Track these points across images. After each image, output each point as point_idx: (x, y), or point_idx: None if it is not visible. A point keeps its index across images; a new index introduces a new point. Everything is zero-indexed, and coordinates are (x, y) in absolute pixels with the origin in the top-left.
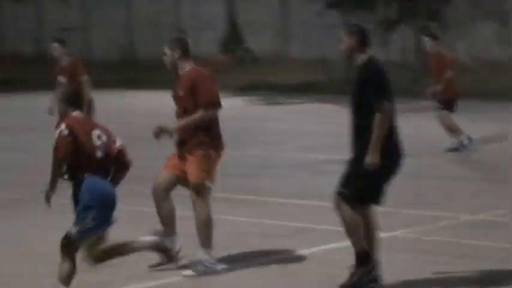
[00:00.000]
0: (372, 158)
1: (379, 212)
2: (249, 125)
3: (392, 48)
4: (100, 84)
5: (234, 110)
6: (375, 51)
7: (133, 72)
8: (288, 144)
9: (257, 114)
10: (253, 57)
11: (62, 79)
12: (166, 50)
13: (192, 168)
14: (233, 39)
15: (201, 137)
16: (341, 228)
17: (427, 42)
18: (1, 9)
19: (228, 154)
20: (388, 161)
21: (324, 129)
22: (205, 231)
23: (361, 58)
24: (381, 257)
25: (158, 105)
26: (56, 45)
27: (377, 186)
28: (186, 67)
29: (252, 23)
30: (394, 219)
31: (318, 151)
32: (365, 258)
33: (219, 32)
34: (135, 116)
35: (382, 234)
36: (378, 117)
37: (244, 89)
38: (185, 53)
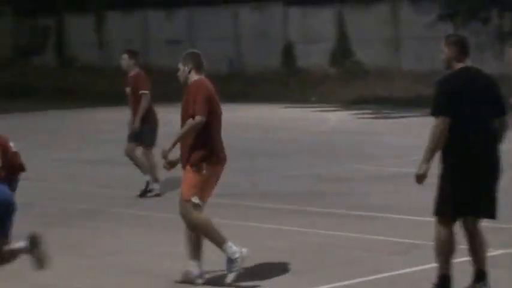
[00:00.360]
0: (418, 169)
1: (493, 228)
2: (357, 138)
3: (506, 60)
4: None
5: (342, 123)
6: (489, 64)
7: (241, 84)
8: (395, 159)
9: (365, 128)
10: (363, 70)
11: (128, 90)
12: (180, 66)
13: (183, 184)
14: (342, 51)
15: (196, 152)
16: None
17: None
18: (109, 21)
19: (334, 168)
20: (455, 172)
21: None
22: (209, 238)
23: (457, 68)
24: (497, 275)
25: (264, 118)
26: (125, 56)
27: (453, 198)
28: (192, 79)
29: (362, 35)
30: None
31: None
32: (447, 284)
33: (327, 44)
34: (242, 130)
35: (496, 252)
36: (431, 129)
37: (353, 103)
38: (197, 67)
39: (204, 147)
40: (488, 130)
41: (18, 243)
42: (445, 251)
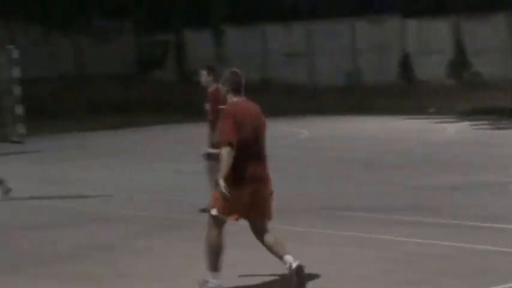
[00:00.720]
0: None
1: None
2: (474, 149)
3: None
4: (325, 109)
5: (460, 134)
6: None
7: (359, 97)
8: (508, 170)
9: (483, 139)
10: (481, 81)
11: (207, 106)
12: (203, 72)
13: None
14: (460, 63)
15: (230, 172)
16: None
17: None
18: (227, 36)
19: (450, 178)
20: None
21: None
22: (210, 255)
23: None
24: None
25: (383, 130)
26: (203, 72)
27: None
28: (230, 100)
29: (479, 45)
30: None
31: None
32: None
33: (445, 55)
34: (361, 141)
35: None
36: None
37: (471, 113)
38: (234, 89)
39: (235, 168)
40: None
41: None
42: None
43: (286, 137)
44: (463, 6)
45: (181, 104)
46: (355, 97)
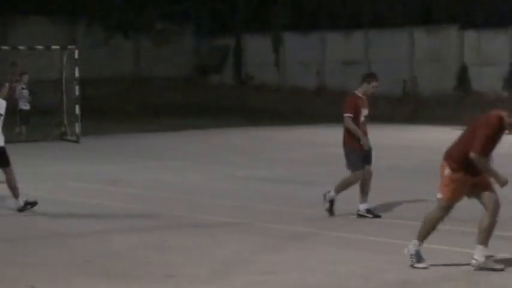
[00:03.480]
0: None
1: None
2: None
3: None
4: (382, 118)
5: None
6: None
7: (414, 107)
8: None
9: None
10: None
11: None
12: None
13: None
14: None
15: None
16: None
17: None
18: (286, 41)
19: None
20: None
21: None
22: (424, 227)
23: None
24: None
25: (438, 140)
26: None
27: None
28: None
29: None
30: None
31: None
32: None
33: (502, 67)
34: (416, 151)
35: None
36: None
37: None
38: None
39: None
40: None
41: None
42: None
43: (341, 145)
44: None
45: (239, 108)
46: (411, 106)
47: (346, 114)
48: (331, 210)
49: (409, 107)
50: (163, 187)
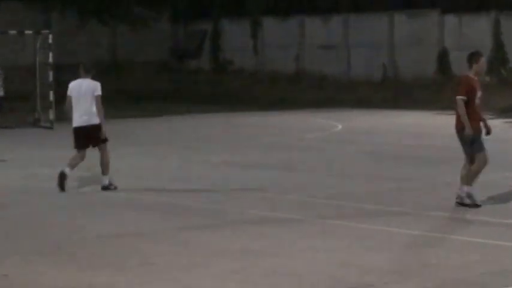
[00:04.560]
0: None
1: None
2: (508, 146)
3: None
4: (360, 102)
5: (494, 131)
6: None
7: (395, 91)
8: None
9: None
10: None
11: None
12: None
13: None
14: (498, 59)
15: None
16: None
17: None
18: (264, 26)
19: (486, 176)
20: None
21: None
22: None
23: None
24: None
25: (418, 125)
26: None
27: None
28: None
29: None
30: None
31: None
32: None
33: (483, 52)
34: (396, 136)
35: None
36: None
37: (508, 110)
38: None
39: None
40: None
41: None
42: None
43: (320, 130)
44: (503, 3)
45: (216, 93)
46: (391, 91)
47: (459, 97)
48: (473, 204)
49: (388, 92)
50: (139, 173)
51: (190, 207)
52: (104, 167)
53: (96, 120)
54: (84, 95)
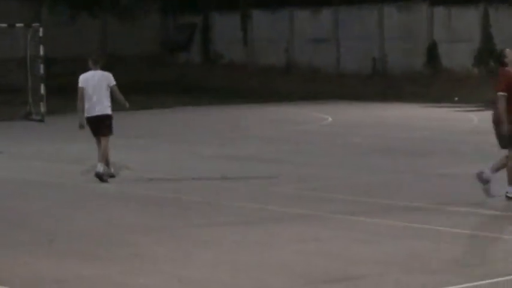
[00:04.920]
0: None
1: None
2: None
3: None
4: (349, 95)
5: (484, 123)
6: None
7: (384, 84)
8: None
9: None
10: None
11: None
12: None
13: None
14: (486, 51)
15: None
16: None
17: None
18: (254, 19)
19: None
20: None
21: None
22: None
23: None
24: None
25: (408, 117)
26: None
27: None
28: None
29: (507, 35)
30: None
31: None
32: None
33: (472, 44)
34: (386, 128)
35: None
36: None
37: (496, 102)
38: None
39: None
40: None
41: None
42: None
43: (310, 122)
44: None
45: (206, 86)
46: (381, 83)
47: (500, 93)
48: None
49: (378, 84)
50: (129, 165)
51: (180, 199)
52: (102, 156)
53: (109, 111)
54: (98, 86)
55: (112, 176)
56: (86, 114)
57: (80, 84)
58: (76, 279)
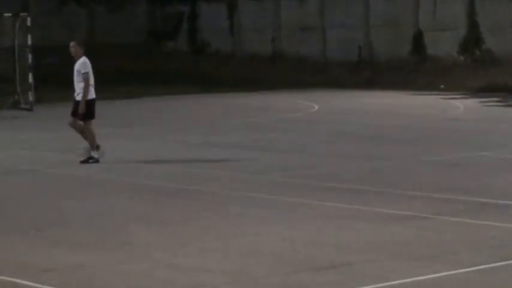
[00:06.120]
0: None
1: None
2: (483, 126)
3: None
4: (336, 83)
5: (469, 111)
6: None
7: (370, 72)
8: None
9: (492, 116)
10: (492, 58)
11: None
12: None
13: None
14: (473, 40)
15: None
16: None
17: None
18: (241, 8)
19: (460, 155)
20: None
21: None
22: None
23: None
24: None
25: (394, 105)
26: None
27: None
28: None
29: (493, 23)
30: None
31: None
32: None
33: (458, 32)
34: (372, 116)
35: None
36: None
37: (482, 91)
38: None
39: None
40: None
41: None
42: None
43: (297, 111)
44: None
45: (193, 74)
46: (367, 72)
47: None
48: None
49: (364, 73)
50: (116, 154)
51: (168, 187)
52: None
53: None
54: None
55: (91, 158)
56: (91, 96)
57: (88, 70)
58: (65, 268)
